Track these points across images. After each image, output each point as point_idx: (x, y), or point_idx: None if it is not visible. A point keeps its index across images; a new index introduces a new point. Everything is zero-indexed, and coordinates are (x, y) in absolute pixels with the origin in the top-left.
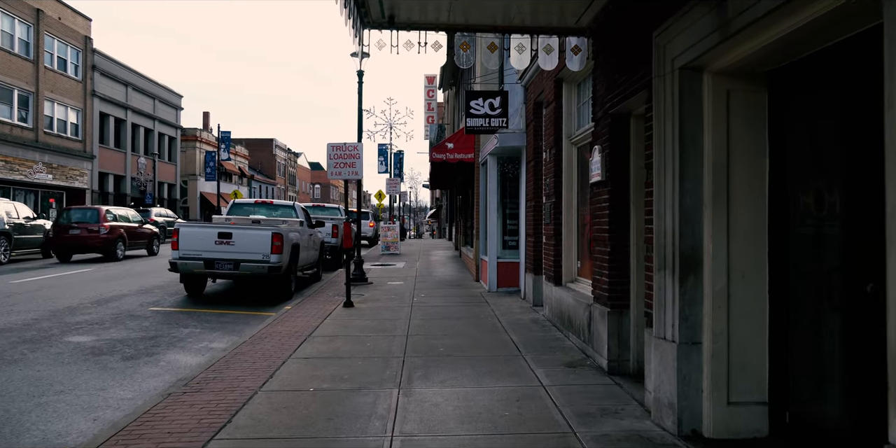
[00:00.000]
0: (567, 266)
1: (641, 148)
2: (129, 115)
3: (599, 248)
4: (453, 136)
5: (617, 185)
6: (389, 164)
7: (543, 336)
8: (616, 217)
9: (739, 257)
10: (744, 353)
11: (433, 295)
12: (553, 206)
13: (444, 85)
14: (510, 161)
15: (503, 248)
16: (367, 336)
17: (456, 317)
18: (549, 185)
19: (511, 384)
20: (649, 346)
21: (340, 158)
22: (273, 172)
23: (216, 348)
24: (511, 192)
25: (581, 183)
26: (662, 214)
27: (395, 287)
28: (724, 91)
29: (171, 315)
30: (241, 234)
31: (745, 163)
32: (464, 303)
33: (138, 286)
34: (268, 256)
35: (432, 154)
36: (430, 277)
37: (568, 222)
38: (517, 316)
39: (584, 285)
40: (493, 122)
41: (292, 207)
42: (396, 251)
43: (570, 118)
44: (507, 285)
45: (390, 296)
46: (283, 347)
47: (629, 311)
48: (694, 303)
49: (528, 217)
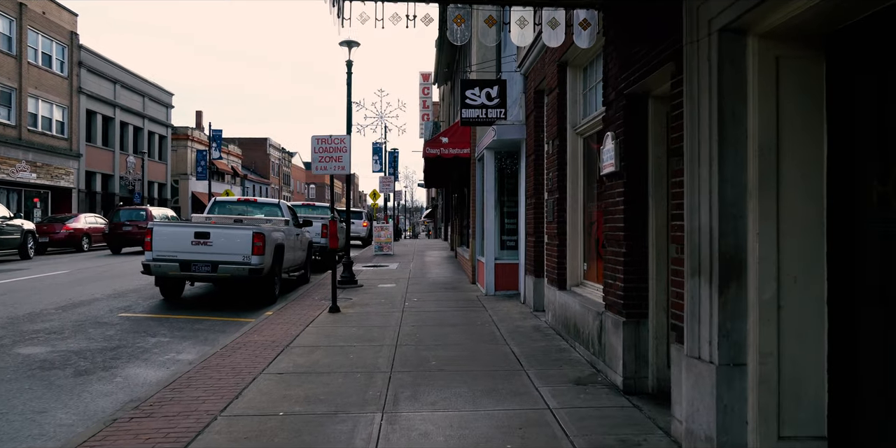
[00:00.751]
0: (572, 268)
1: (662, 133)
2: (118, 113)
3: (613, 248)
4: (448, 130)
5: (633, 177)
6: (384, 162)
7: (547, 346)
8: (632, 213)
9: (792, 259)
10: (798, 377)
11: (426, 299)
12: (556, 203)
13: (440, 80)
14: (508, 156)
15: (501, 249)
16: (352, 346)
17: (450, 323)
18: (551, 179)
19: (513, 406)
20: (678, 366)
21: (326, 152)
22: (267, 172)
23: (183, 360)
24: (509, 189)
25: (588, 177)
26: (696, 208)
27: (386, 290)
28: (772, 58)
29: (140, 322)
30: (219, 233)
31: (799, 144)
32: (459, 307)
33: (112, 289)
34: (248, 258)
35: (426, 149)
36: (423, 279)
37: (573, 220)
38: (517, 322)
39: (592, 290)
40: (490, 113)
41: (277, 206)
42: (390, 252)
43: (574, 106)
44: (505, 288)
45: (380, 300)
46: (257, 360)
47: (647, 320)
48: (737, 315)
49: (528, 215)
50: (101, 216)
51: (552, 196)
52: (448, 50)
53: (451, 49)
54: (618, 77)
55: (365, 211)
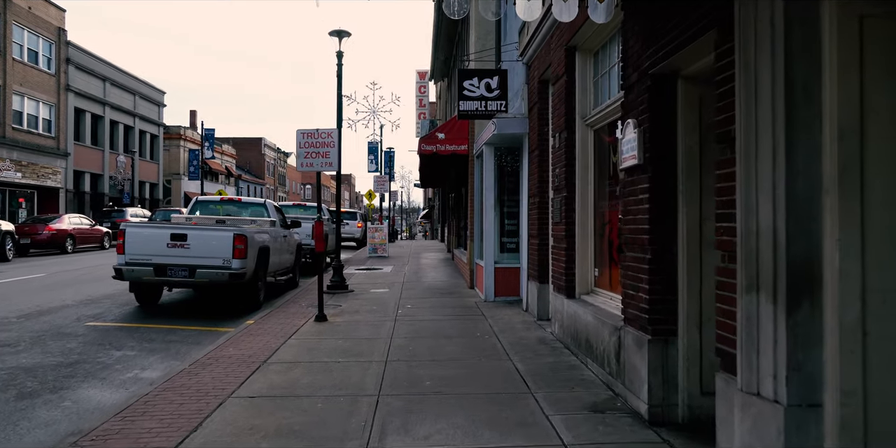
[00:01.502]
0: (582, 275)
1: (694, 119)
2: (108, 112)
3: (634, 253)
4: (445, 126)
5: (660, 170)
6: (380, 162)
7: (555, 363)
8: (659, 212)
9: (881, 272)
10: (890, 421)
11: (421, 305)
12: (564, 202)
13: (436, 75)
14: (509, 152)
15: (501, 252)
16: (336, 362)
17: (447, 334)
18: (558, 176)
19: (521, 442)
20: (726, 401)
21: (312, 147)
22: (262, 172)
23: (146, 379)
24: (510, 188)
25: (599, 173)
26: (753, 208)
27: (378, 296)
28: (854, 18)
29: (108, 332)
30: (197, 235)
31: (890, 127)
32: (456, 316)
33: (86, 295)
34: (229, 261)
35: (421, 146)
36: (418, 284)
37: (583, 221)
38: (520, 333)
39: (606, 299)
40: (490, 106)
41: (263, 205)
42: (384, 254)
43: (584, 95)
44: (505, 294)
45: (372, 307)
46: (227, 379)
47: (677, 339)
48: (810, 343)
49: (531, 216)
50: (86, 217)
51: (559, 194)
52: (445, 42)
53: (448, 42)
54: (641, 55)
55: (360, 211)
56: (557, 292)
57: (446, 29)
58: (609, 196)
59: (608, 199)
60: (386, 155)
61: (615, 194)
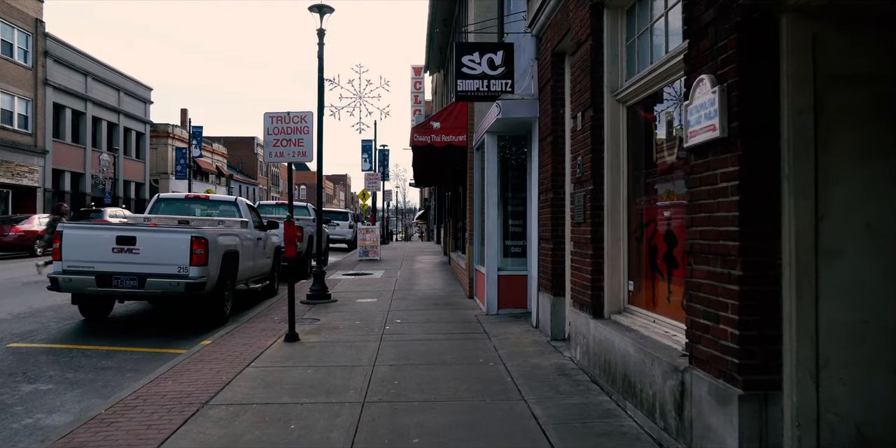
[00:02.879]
0: (613, 289)
1: (805, 72)
2: (90, 108)
3: (712, 267)
4: (440, 113)
5: (756, 147)
6: (374, 161)
7: (583, 406)
8: (754, 208)
9: None
10: None
11: (413, 320)
12: (589, 198)
13: (432, 66)
14: (514, 142)
15: (504, 256)
16: (299, 405)
17: (442, 360)
18: (580, 165)
19: None
20: None
21: (283, 134)
22: (254, 172)
23: (46, 428)
24: (515, 183)
25: (634, 160)
26: None
27: (364, 307)
28: None
29: (29, 357)
30: (148, 238)
31: None
32: (454, 334)
33: (28, 306)
34: (186, 269)
35: (413, 136)
36: (411, 292)
37: (614, 221)
38: (532, 359)
39: (646, 321)
40: (493, 86)
41: (234, 204)
42: (376, 257)
43: (614, 64)
44: (511, 306)
45: (355, 321)
46: (147, 434)
47: (781, 395)
48: None
49: (543, 215)
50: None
51: (582, 188)
52: (441, 26)
53: (445, 27)
54: None
55: (351, 211)
56: (579, 309)
57: (441, 11)
58: (647, 189)
59: (646, 193)
60: (380, 153)
61: (654, 187)
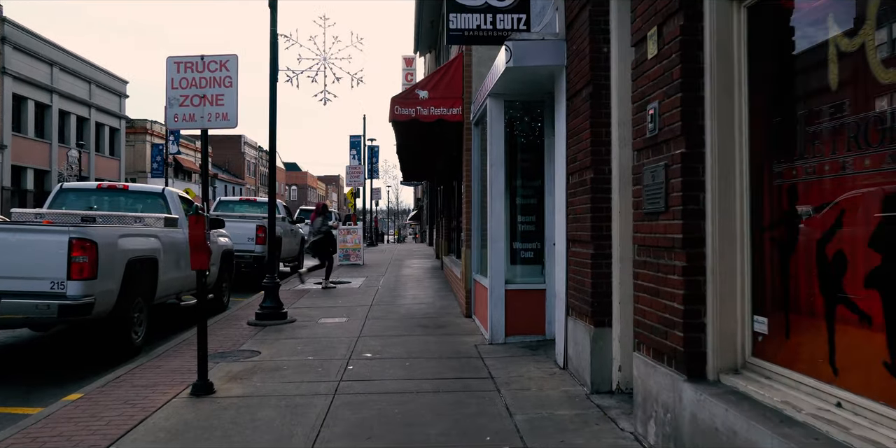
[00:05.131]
0: (724, 328)
1: None
2: (56, 100)
3: None
4: (429, 79)
5: None
6: (363, 157)
7: None
8: None
9: None
10: None
11: (388, 353)
12: (678, 170)
13: (422, 46)
14: (527, 111)
15: (512, 263)
16: None
17: (425, 440)
18: (658, 117)
19: None
20: None
21: (195, 87)
22: (241, 171)
23: None
24: (526, 169)
25: (757, 102)
26: None
27: (327, 331)
28: None
29: None
30: (3, 241)
31: None
32: (445, 379)
33: None
34: (63, 284)
35: (395, 109)
36: (393, 308)
37: (726, 209)
38: (573, 438)
39: (802, 395)
40: (500, 21)
41: (160, 196)
42: (358, 261)
43: None
44: (522, 331)
45: (307, 356)
46: None
47: None
48: None
49: (577, 206)
50: None
51: (659, 156)
52: None
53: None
54: None
55: (335, 211)
56: (655, 360)
57: None
58: (795, 150)
59: (795, 156)
60: (368, 149)
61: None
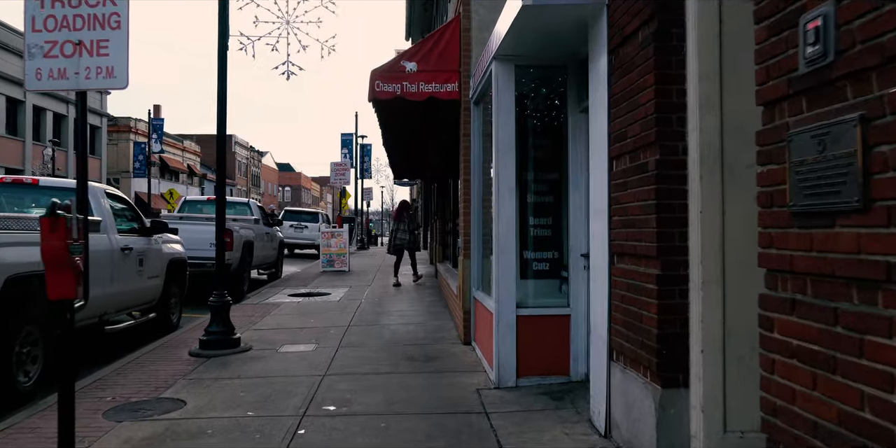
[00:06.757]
0: None
1: None
2: (30, 95)
3: None
4: (417, 49)
5: None
6: (355, 157)
7: None
8: None
9: None
10: None
11: (359, 405)
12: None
13: (414, 31)
14: (544, 81)
15: (522, 277)
16: None
17: None
18: (831, 32)
19: None
20: None
21: (64, 30)
22: (233, 172)
23: None
24: (540, 158)
25: None
26: None
27: (284, 367)
28: None
29: None
30: None
31: None
32: None
33: None
34: None
35: (376, 85)
36: (374, 331)
37: None
38: None
39: None
40: None
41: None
42: (343, 267)
43: None
44: (539, 370)
45: (246, 411)
46: None
47: None
48: None
49: (626, 204)
50: None
51: (842, 102)
52: None
53: None
54: None
55: (322, 212)
56: None
57: None
58: None
59: None
60: (361, 147)
61: None
